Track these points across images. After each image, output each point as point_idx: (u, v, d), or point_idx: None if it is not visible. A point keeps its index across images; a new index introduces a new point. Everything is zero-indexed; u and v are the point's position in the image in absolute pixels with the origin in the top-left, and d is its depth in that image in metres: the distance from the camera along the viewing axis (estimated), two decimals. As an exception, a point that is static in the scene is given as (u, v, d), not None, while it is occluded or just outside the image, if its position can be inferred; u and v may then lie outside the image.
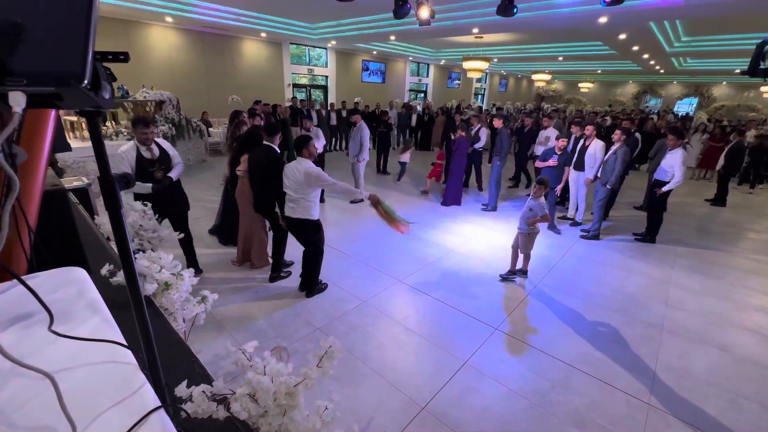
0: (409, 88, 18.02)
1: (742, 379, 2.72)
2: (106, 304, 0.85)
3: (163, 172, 3.23)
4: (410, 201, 6.74)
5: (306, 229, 3.29)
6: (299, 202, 3.17)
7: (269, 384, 1.08)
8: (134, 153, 3.11)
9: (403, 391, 2.46)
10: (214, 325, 3.03)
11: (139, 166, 3.12)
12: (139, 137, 3.12)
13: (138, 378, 0.52)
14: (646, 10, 6.52)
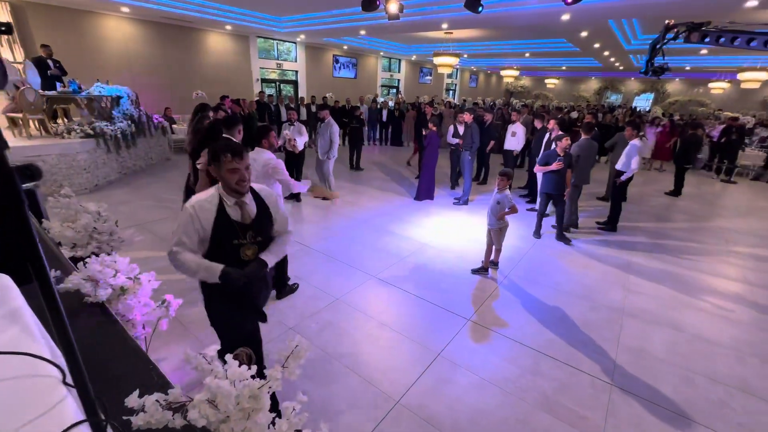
0: (381, 84, 17.98)
1: (694, 356, 2.91)
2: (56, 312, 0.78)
3: (255, 249, 1.75)
4: (383, 197, 6.74)
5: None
6: None
7: (229, 388, 1.04)
8: (214, 209, 1.65)
9: (378, 387, 2.45)
10: (181, 331, 2.90)
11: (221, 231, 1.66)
12: (228, 179, 1.63)
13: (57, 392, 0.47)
14: (604, 8, 6.79)
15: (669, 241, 5.27)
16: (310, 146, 6.42)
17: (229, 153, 1.60)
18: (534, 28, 9.71)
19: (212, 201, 1.66)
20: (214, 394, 1.04)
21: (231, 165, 1.61)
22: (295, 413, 1.20)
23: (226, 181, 1.64)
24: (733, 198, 7.99)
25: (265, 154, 2.98)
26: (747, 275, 4.37)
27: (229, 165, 1.61)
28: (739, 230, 5.90)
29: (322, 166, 6.24)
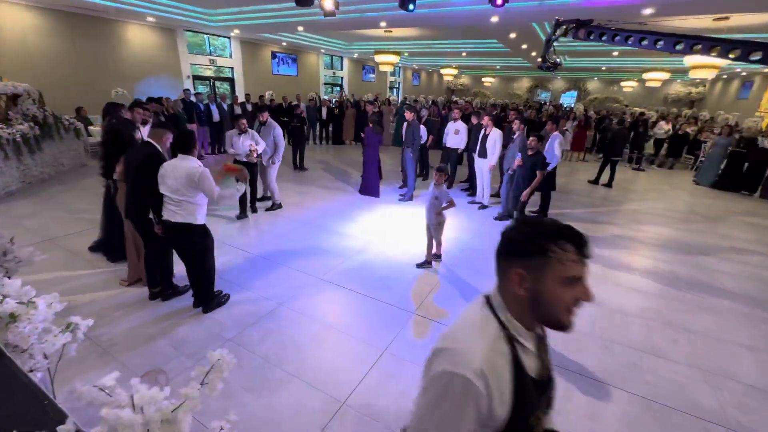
0: (324, 81, 17.70)
1: (612, 328, 3.23)
2: None
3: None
4: (328, 196, 6.64)
5: (190, 236, 2.91)
6: (181, 204, 2.78)
7: (132, 417, 0.93)
8: (508, 364, 0.82)
9: (323, 390, 2.41)
10: (98, 355, 2.61)
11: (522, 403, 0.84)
12: (561, 300, 0.84)
13: None
14: (526, 12, 7.28)
15: (591, 225, 5.81)
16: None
17: (570, 244, 0.82)
18: (467, 28, 10.14)
19: (500, 346, 0.83)
20: (113, 426, 0.93)
21: (575, 270, 0.82)
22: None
23: (556, 302, 0.82)
24: (642, 183, 9.03)
25: (190, 161, 2.78)
26: (652, 251, 4.96)
27: (573, 269, 0.82)
28: (646, 211, 6.69)
29: (265, 173, 5.68)
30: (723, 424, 2.31)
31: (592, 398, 2.46)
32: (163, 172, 2.79)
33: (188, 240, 2.94)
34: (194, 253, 3.00)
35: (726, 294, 3.89)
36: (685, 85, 21.62)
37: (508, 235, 0.91)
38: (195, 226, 2.89)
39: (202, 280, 3.08)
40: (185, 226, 2.85)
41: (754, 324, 3.38)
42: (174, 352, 2.67)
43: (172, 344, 2.75)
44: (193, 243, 2.96)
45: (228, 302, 3.29)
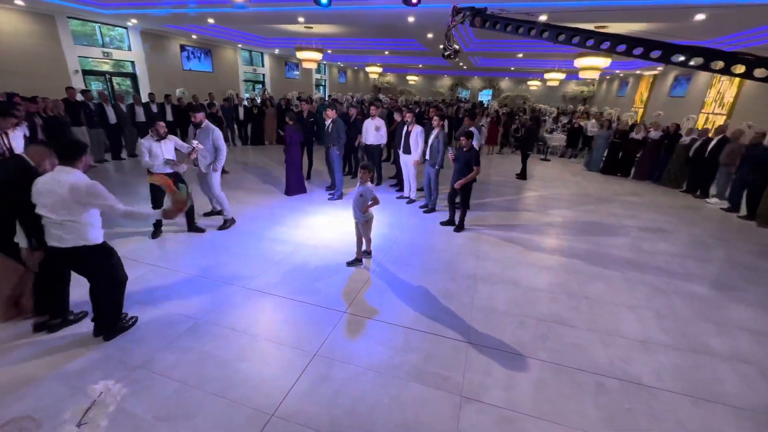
0: (244, 78, 16.70)
1: (526, 304, 3.57)
2: None
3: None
4: (253, 200, 6.30)
5: (88, 259, 2.53)
6: (66, 227, 2.37)
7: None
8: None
9: (249, 405, 2.27)
10: (-40, 409, 2.15)
11: None
12: None
13: None
14: (440, 13, 7.64)
15: (507, 212, 6.35)
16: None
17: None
18: (387, 27, 10.33)
19: None
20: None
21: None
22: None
23: None
24: (548, 173, 10.11)
25: (72, 174, 2.36)
26: (559, 230, 5.59)
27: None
28: (552, 197, 7.51)
29: (207, 181, 4.93)
30: (613, 375, 2.70)
31: (509, 370, 2.68)
32: (38, 188, 2.34)
33: (87, 265, 2.55)
34: (102, 278, 2.62)
35: (613, 263, 4.54)
36: (578, 84, 24.72)
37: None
38: (89, 247, 2.49)
39: (105, 306, 2.70)
40: (79, 251, 2.45)
41: (634, 286, 4.00)
42: (65, 391, 2.30)
43: (63, 382, 2.37)
44: (93, 267, 2.57)
45: (136, 325, 2.94)
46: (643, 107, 16.96)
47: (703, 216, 6.83)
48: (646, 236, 5.55)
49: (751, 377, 2.75)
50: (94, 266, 2.59)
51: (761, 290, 4.08)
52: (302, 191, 6.62)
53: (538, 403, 2.41)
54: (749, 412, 2.42)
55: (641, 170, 9.48)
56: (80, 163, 2.42)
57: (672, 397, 2.53)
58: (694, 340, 3.16)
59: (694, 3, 5.90)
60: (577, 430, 2.24)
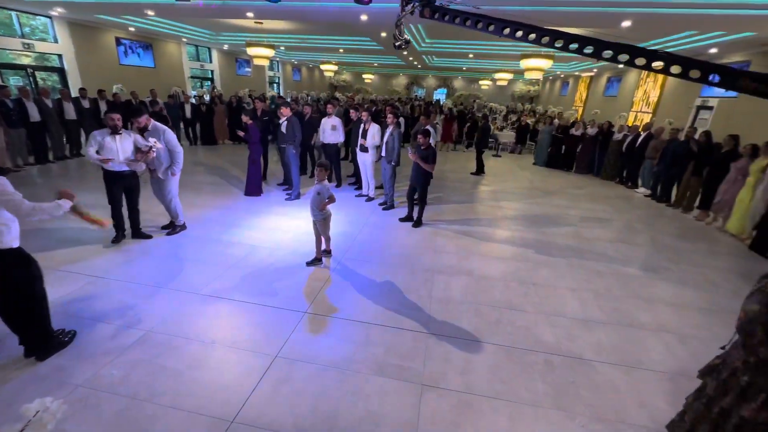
0: (190, 75, 15.79)
1: (479, 293, 3.76)
2: None
3: None
4: (204, 203, 6.02)
5: (1, 266, 2.29)
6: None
7: None
8: None
9: (207, 414, 2.20)
10: None
11: None
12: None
13: None
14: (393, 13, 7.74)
15: (463, 206, 6.61)
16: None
17: None
18: (340, 25, 10.27)
19: None
20: None
21: None
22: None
23: None
24: (499, 168, 10.63)
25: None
26: (510, 222, 5.92)
27: None
28: (504, 190, 7.93)
29: (162, 187, 4.56)
30: (558, 353, 2.93)
31: (466, 356, 2.82)
32: None
33: (2, 273, 2.30)
34: (12, 289, 2.35)
35: (558, 251, 4.90)
36: (525, 84, 26.14)
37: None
38: (4, 252, 2.26)
39: (31, 319, 2.45)
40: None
41: (575, 270, 4.36)
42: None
43: (-9, 409, 2.14)
44: (7, 276, 2.32)
45: (75, 340, 2.72)
46: (582, 106, 18.33)
47: (633, 204, 7.56)
48: (587, 225, 6.04)
49: (672, 344, 3.12)
50: (8, 276, 2.32)
51: (680, 268, 4.61)
52: (258, 193, 6.46)
53: (492, 384, 2.57)
54: (670, 374, 2.75)
55: (581, 164, 10.28)
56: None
57: (609, 368, 2.80)
58: (627, 315, 3.52)
59: (620, 11, 6.49)
60: (527, 405, 2.41)
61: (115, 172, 4.03)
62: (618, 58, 2.94)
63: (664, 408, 2.41)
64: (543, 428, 2.25)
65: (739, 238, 5.64)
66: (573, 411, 2.39)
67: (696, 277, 4.40)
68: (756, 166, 5.48)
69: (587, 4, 6.26)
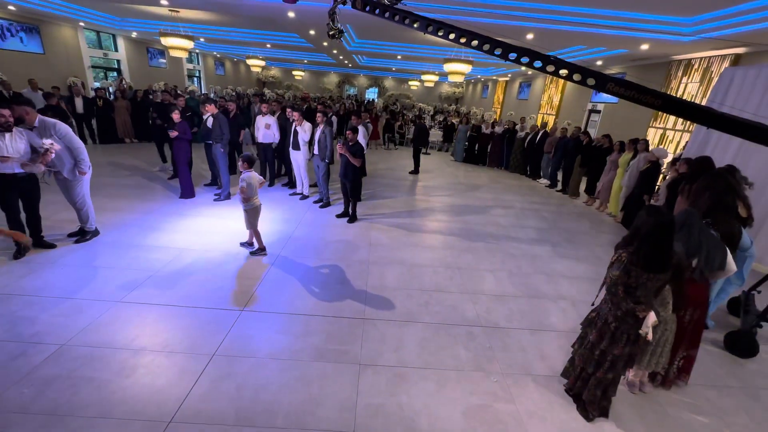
0: (91, 64, 13.97)
1: (411, 279, 4.08)
2: None
3: None
4: (120, 206, 5.51)
5: None
6: None
7: None
8: None
9: (141, 418, 2.15)
10: None
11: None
12: None
13: None
14: (320, 12, 7.80)
15: (394, 201, 6.96)
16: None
17: None
18: (267, 20, 9.99)
19: None
20: None
21: None
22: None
23: None
24: (428, 165, 11.29)
25: None
26: (438, 214, 6.41)
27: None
28: (433, 186, 8.49)
29: (70, 188, 4.08)
30: (478, 324, 3.35)
31: (399, 334, 3.10)
32: None
33: None
34: None
35: (479, 237, 5.47)
36: (451, 86, 27.81)
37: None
38: None
39: None
40: None
41: (493, 254, 4.93)
42: None
43: None
44: None
45: (-31, 364, 2.41)
46: (500, 107, 20.15)
47: (536, 193, 8.66)
48: (501, 213, 6.79)
49: (567, 309, 3.75)
50: None
51: (574, 246, 5.47)
52: (191, 195, 6.10)
53: (422, 356, 2.87)
54: (564, 333, 3.33)
55: (492, 159, 11.46)
56: None
57: (518, 332, 3.29)
58: (534, 288, 4.11)
59: (524, 24, 7.38)
60: (452, 370, 2.76)
61: (8, 174, 3.54)
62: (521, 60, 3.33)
63: (561, 359, 2.94)
64: (465, 388, 2.61)
65: (615, 219, 6.84)
66: (489, 370, 2.79)
67: (586, 252, 5.26)
68: (623, 159, 6.73)
69: (498, 17, 7.01)
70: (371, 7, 3.79)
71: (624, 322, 2.22)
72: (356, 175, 5.43)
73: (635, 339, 2.25)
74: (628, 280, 2.13)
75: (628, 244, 2.19)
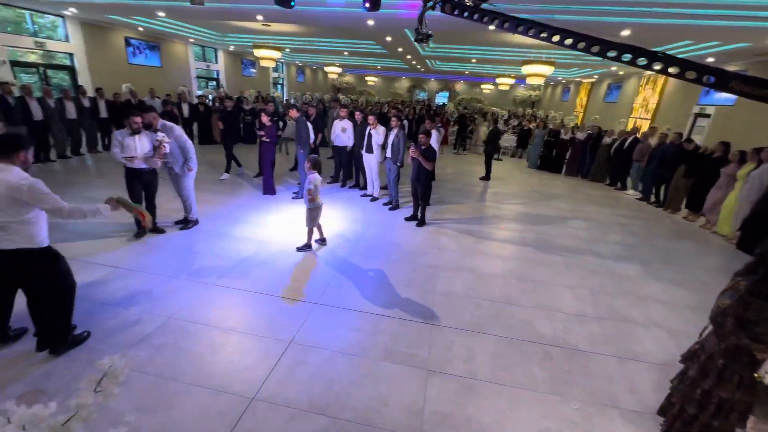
0: (196, 75, 16.00)
1: (481, 288, 3.94)
2: None
3: None
4: (214, 200, 6.20)
5: (31, 265, 2.35)
6: (8, 228, 2.20)
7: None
8: None
9: (229, 391, 2.38)
10: None
11: None
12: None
13: None
14: (398, 19, 7.96)
15: (464, 206, 6.80)
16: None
17: None
18: (346, 29, 10.49)
19: None
20: (-7, 448, 0.88)
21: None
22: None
23: None
24: (500, 171, 10.82)
25: (10, 172, 2.16)
26: (509, 223, 6.11)
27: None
28: (504, 193, 8.12)
29: (179, 183, 4.72)
30: (556, 344, 3.11)
31: (469, 345, 3.00)
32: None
33: (30, 271, 2.36)
34: (41, 285, 2.42)
35: (556, 250, 5.08)
36: (527, 89, 26.40)
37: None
38: (35, 251, 2.33)
39: (57, 314, 2.51)
40: (21, 254, 2.27)
41: (572, 269, 4.54)
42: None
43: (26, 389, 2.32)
44: (38, 273, 2.38)
45: (105, 326, 2.89)
46: (583, 111, 18.57)
47: (624, 205, 7.78)
48: (581, 225, 6.23)
49: (662, 339, 3.30)
50: (38, 272, 2.39)
51: (672, 268, 4.79)
52: (272, 192, 6.65)
53: (493, 370, 2.75)
54: (659, 366, 2.93)
55: (571, 167, 10.57)
56: (17, 159, 2.24)
57: (602, 358, 2.98)
58: (620, 311, 3.70)
59: (620, 20, 6.71)
60: (526, 389, 2.59)
61: (135, 169, 4.22)
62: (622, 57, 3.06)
63: (653, 395, 2.59)
64: (539, 410, 2.43)
65: (727, 239, 5.84)
66: (568, 395, 2.57)
67: (686, 276, 4.58)
68: (743, 171, 5.70)
69: (589, 14, 6.48)
70: (460, 10, 3.75)
71: (735, 360, 1.89)
72: (428, 179, 5.41)
73: (751, 383, 1.89)
74: (744, 313, 1.81)
75: (751, 272, 1.86)
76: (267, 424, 2.18)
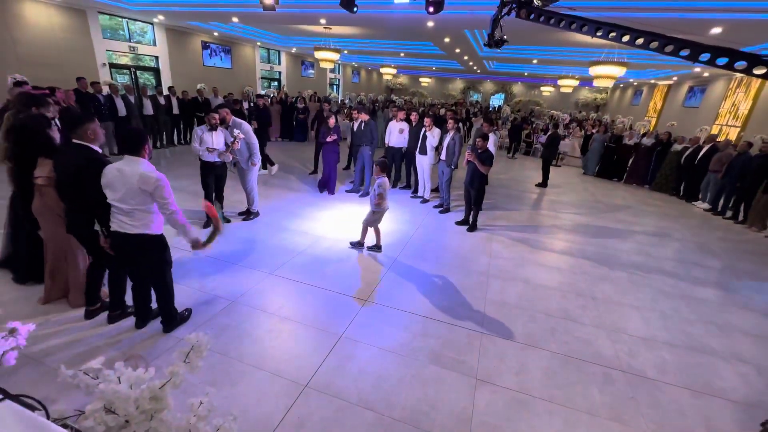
0: (261, 76, 17.04)
1: (536, 300, 3.76)
2: None
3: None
4: (275, 194, 6.56)
5: (146, 249, 2.59)
6: (133, 215, 2.44)
7: (127, 391, 1.01)
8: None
9: (285, 377, 2.51)
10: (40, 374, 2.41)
11: None
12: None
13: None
14: (459, 20, 7.85)
15: (518, 214, 6.53)
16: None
17: None
18: (405, 30, 10.55)
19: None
20: (111, 400, 1.01)
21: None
22: (202, 406, 1.23)
23: None
24: (558, 178, 10.24)
25: (141, 165, 2.41)
26: (568, 233, 5.76)
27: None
28: (562, 202, 7.67)
29: (244, 176, 5.10)
30: (618, 368, 2.89)
31: (521, 358, 2.89)
32: (108, 178, 2.39)
33: (144, 254, 2.63)
34: (151, 269, 2.72)
35: (620, 266, 4.70)
36: (592, 92, 24.68)
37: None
38: (152, 237, 2.56)
39: (164, 297, 2.81)
40: (140, 239, 2.51)
41: (640, 288, 4.17)
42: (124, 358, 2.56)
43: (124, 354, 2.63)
44: (149, 257, 2.66)
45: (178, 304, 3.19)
46: (656, 117, 16.96)
47: (696, 219, 7.02)
48: (650, 240, 5.70)
49: (749, 375, 2.92)
50: (149, 258, 2.64)
51: (761, 295, 4.22)
52: (332, 191, 6.84)
53: (547, 388, 2.62)
54: (744, 405, 2.60)
55: (634, 175, 9.69)
56: (144, 151, 2.51)
57: (674, 389, 2.71)
58: (697, 340, 3.33)
59: (709, 17, 6.04)
60: (583, 412, 2.44)
61: (210, 162, 4.60)
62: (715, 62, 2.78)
63: (736, 437, 2.31)
64: (599, 436, 2.28)
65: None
66: (634, 426, 2.37)
67: (783, 308, 4.01)
68: None
69: (673, 10, 5.91)
70: (536, 14, 3.63)
71: None
72: (482, 183, 5.28)
73: None
74: None
75: None
76: (318, 412, 2.27)
